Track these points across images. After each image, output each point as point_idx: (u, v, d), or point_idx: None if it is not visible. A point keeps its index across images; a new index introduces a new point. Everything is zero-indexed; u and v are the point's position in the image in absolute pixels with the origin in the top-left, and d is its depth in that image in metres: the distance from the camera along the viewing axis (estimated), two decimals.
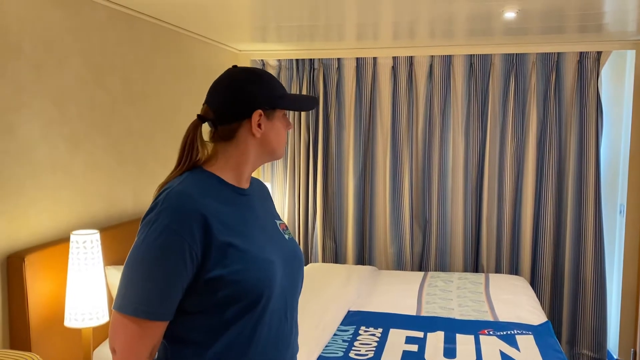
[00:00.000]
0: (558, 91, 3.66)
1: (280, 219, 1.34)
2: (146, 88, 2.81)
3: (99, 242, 2.06)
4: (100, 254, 2.06)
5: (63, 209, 2.22)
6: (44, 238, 2.12)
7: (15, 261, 1.94)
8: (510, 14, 2.68)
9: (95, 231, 2.06)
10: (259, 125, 1.18)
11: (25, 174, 2.02)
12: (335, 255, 4.04)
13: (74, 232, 2.02)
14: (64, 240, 2.14)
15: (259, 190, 1.33)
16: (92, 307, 2.00)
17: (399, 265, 3.90)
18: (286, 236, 1.28)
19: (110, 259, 2.34)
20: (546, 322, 2.66)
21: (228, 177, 1.20)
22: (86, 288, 1.99)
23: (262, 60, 4.04)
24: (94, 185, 2.41)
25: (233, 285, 1.08)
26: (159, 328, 1.08)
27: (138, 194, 2.73)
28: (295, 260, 1.24)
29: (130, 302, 1.05)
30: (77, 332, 2.17)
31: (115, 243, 2.38)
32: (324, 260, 4.00)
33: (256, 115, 1.17)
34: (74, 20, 2.25)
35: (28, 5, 2.02)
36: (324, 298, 2.90)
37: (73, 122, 2.27)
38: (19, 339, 1.97)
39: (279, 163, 4.09)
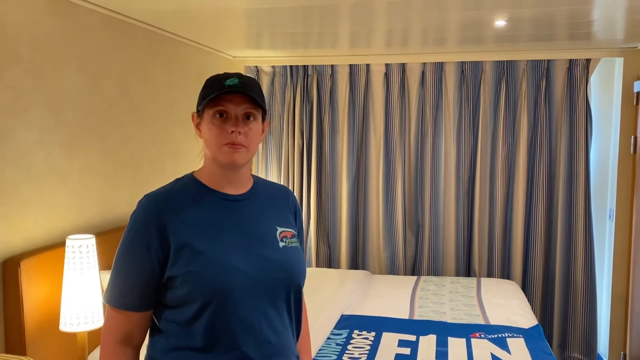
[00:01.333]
0: (548, 98, 3.71)
1: (289, 227, 1.32)
2: (141, 94, 2.84)
3: (95, 246, 2.07)
4: (95, 258, 2.07)
5: (59, 214, 2.24)
6: (39, 243, 2.13)
7: (10, 266, 1.95)
8: (500, 22, 2.73)
9: (91, 236, 2.07)
10: (199, 128, 1.25)
11: (21, 179, 2.04)
12: (329, 260, 4.06)
13: (69, 237, 2.04)
14: (60, 245, 2.16)
15: (269, 196, 1.33)
16: (87, 311, 2.01)
17: (392, 270, 3.93)
18: (282, 244, 1.26)
19: (105, 264, 2.35)
20: (537, 325, 2.70)
21: (209, 182, 1.26)
22: (81, 292, 2.01)
23: (256, 66, 4.07)
24: (90, 190, 2.43)
25: (186, 286, 1.16)
26: (132, 318, 1.20)
27: (133, 199, 2.74)
28: (279, 270, 1.22)
29: (109, 292, 1.22)
30: (72, 336, 2.18)
31: (111, 248, 2.39)
32: (317, 265, 4.02)
33: (192, 117, 1.27)
34: (70, 26, 2.28)
35: (25, 11, 2.04)
36: (318, 302, 2.92)
37: (69, 128, 2.29)
38: (14, 343, 1.98)
39: (272, 168, 4.12)
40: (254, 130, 1.22)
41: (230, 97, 1.19)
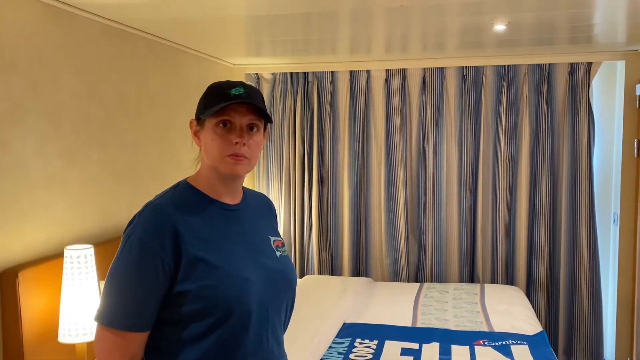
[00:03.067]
0: (550, 102, 3.69)
1: (278, 236, 1.31)
2: (141, 103, 2.83)
3: (93, 256, 2.06)
4: (94, 268, 2.06)
5: (57, 224, 2.22)
6: (38, 253, 2.12)
7: (8, 277, 1.93)
8: (500, 27, 2.72)
9: (90, 246, 2.06)
10: (198, 136, 1.21)
11: (19, 189, 2.03)
12: (331, 267, 4.03)
13: (67, 247, 2.02)
14: (58, 255, 2.14)
15: (257, 206, 1.32)
16: (86, 322, 1.99)
17: (395, 277, 3.90)
18: (278, 254, 1.26)
19: (104, 274, 2.33)
20: (541, 332, 2.66)
21: (207, 191, 1.21)
22: (80, 303, 1.99)
23: (256, 74, 4.06)
24: (89, 200, 2.41)
25: (200, 301, 1.09)
26: (135, 339, 1.10)
27: (132, 208, 2.73)
28: (281, 280, 1.22)
29: (108, 314, 1.10)
30: (71, 347, 2.16)
31: (109, 258, 2.37)
32: (319, 272, 3.99)
33: (191, 125, 1.23)
34: (68, 36, 2.27)
35: (22, 21, 2.04)
36: (320, 310, 2.89)
37: (67, 137, 2.28)
38: (13, 355, 1.96)
39: (273, 175, 4.10)
40: (257, 141, 1.19)
41: (235, 107, 1.15)
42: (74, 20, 2.31)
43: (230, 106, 1.15)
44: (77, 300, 1.99)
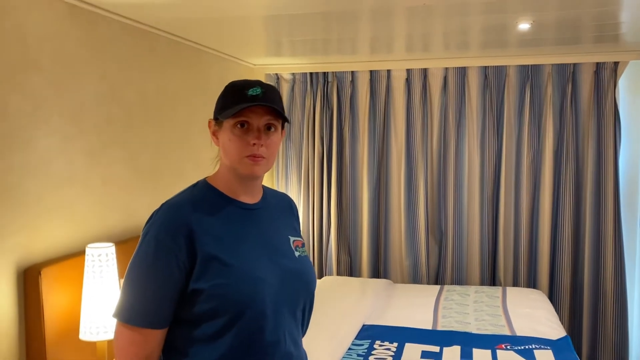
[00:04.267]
0: (575, 102, 3.62)
1: (298, 236, 1.30)
2: (162, 102, 2.84)
3: (114, 255, 2.07)
4: (115, 267, 2.07)
5: (79, 222, 2.24)
6: (60, 251, 2.14)
7: (31, 274, 1.95)
8: (524, 25, 2.67)
9: (111, 244, 2.07)
10: (216, 136, 1.21)
11: (42, 188, 2.05)
12: (349, 268, 4.01)
13: (89, 245, 2.04)
14: (80, 253, 2.16)
15: (278, 205, 1.31)
16: (107, 320, 2.00)
17: (415, 279, 3.87)
18: (297, 254, 1.25)
19: (125, 272, 2.35)
20: (565, 336, 2.61)
21: (225, 190, 1.21)
22: (101, 301, 2.00)
23: (276, 74, 4.06)
24: (110, 198, 2.43)
25: (214, 299, 1.09)
26: (152, 335, 1.11)
27: (153, 207, 2.72)
28: (297, 280, 1.21)
29: (125, 310, 1.12)
30: (92, 345, 2.17)
31: (130, 256, 2.38)
32: (338, 273, 3.97)
33: (209, 124, 1.23)
34: (91, 35, 2.29)
35: (46, 21, 2.06)
36: (339, 311, 2.87)
37: (90, 136, 2.30)
38: (35, 352, 1.98)
39: (292, 175, 4.10)
40: (275, 141, 1.19)
41: (253, 108, 1.14)
42: (96, 20, 2.33)
43: (248, 107, 1.14)
44: (98, 298, 2.00)
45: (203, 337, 1.11)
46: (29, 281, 1.96)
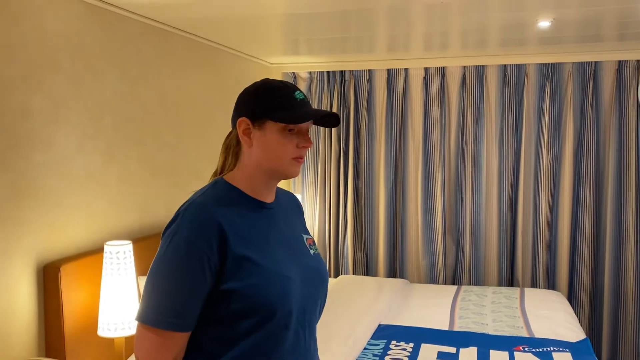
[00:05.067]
0: (596, 101, 3.56)
1: (309, 234, 1.31)
2: (179, 101, 2.86)
3: (132, 252, 2.09)
4: (132, 264, 2.09)
5: (97, 220, 2.27)
6: (78, 248, 2.16)
7: (51, 271, 1.98)
8: (544, 23, 2.63)
9: (128, 242, 2.09)
10: (248, 135, 1.17)
11: (62, 186, 2.07)
12: (366, 268, 4.00)
13: (107, 243, 2.06)
14: (98, 250, 2.19)
15: (288, 204, 1.32)
16: (125, 317, 2.03)
17: (432, 279, 3.84)
18: (312, 251, 1.26)
19: (142, 269, 2.37)
20: (585, 339, 2.57)
21: (247, 190, 1.19)
22: (119, 298, 2.02)
23: (293, 72, 4.06)
24: (128, 196, 2.45)
25: (246, 300, 1.08)
26: (180, 338, 1.09)
27: (170, 205, 2.76)
28: (317, 278, 1.22)
29: (152, 313, 1.07)
30: (110, 341, 2.20)
31: (148, 253, 2.41)
32: (354, 273, 3.97)
33: (241, 123, 1.17)
34: (109, 35, 2.31)
35: (66, 20, 2.08)
36: (354, 311, 2.87)
37: (108, 135, 2.32)
38: (54, 347, 2.01)
39: (309, 174, 4.09)
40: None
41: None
42: (115, 20, 2.35)
43: (322, 116, 1.17)
44: (116, 295, 2.02)
45: (232, 336, 1.10)
46: (48, 278, 1.99)
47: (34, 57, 1.94)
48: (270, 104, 1.14)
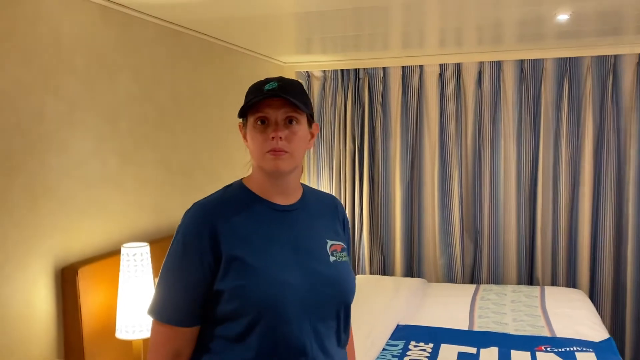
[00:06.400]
0: (615, 96, 3.49)
1: (338, 240, 1.25)
2: (193, 102, 2.86)
3: (149, 254, 2.09)
4: (150, 266, 2.08)
5: (114, 222, 2.27)
6: (96, 251, 2.17)
7: (69, 273, 1.99)
8: (563, 17, 2.58)
9: (145, 244, 2.09)
10: (244, 137, 1.21)
11: (78, 188, 2.08)
12: (382, 267, 3.97)
13: (124, 245, 2.06)
14: (115, 252, 2.19)
15: (319, 207, 1.28)
16: (143, 319, 2.02)
17: (450, 278, 3.80)
18: (333, 258, 1.20)
19: (159, 271, 2.36)
20: (609, 338, 2.52)
21: (258, 191, 1.20)
22: (137, 300, 2.02)
23: (307, 72, 4.04)
24: (143, 198, 2.45)
25: (235, 301, 1.10)
26: (181, 333, 1.14)
27: (186, 207, 2.74)
28: (326, 285, 1.16)
29: (155, 307, 1.16)
30: (128, 343, 2.20)
31: (164, 255, 2.40)
32: (371, 272, 3.94)
33: (240, 126, 1.23)
34: (124, 37, 2.31)
35: (80, 23, 2.09)
36: (372, 311, 2.84)
37: (123, 137, 2.32)
38: (73, 350, 2.01)
39: (324, 173, 4.07)
40: (298, 135, 1.15)
41: (269, 102, 1.14)
42: (129, 22, 2.35)
43: (265, 102, 1.13)
44: (134, 297, 2.02)
45: (228, 337, 1.12)
46: (66, 280, 1.99)
47: (48, 60, 1.94)
48: (245, 101, 1.17)
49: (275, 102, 1.13)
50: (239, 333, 1.11)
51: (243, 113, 1.17)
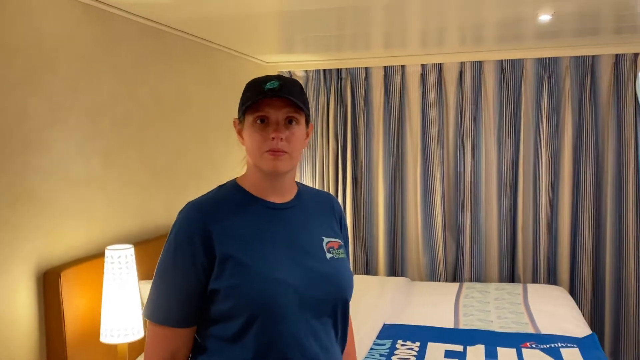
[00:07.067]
0: (594, 95, 3.55)
1: (335, 237, 1.25)
2: (177, 101, 2.82)
3: (134, 257, 2.05)
4: (134, 269, 2.05)
5: (98, 224, 2.22)
6: (79, 253, 2.12)
7: (51, 277, 1.94)
8: (545, 17, 2.62)
9: (130, 246, 2.05)
10: (240, 134, 1.19)
11: (60, 190, 2.03)
12: (366, 266, 3.97)
13: (108, 247, 2.02)
14: (99, 255, 2.14)
15: (315, 204, 1.27)
16: (128, 322, 1.98)
17: (432, 276, 3.82)
18: (329, 255, 1.20)
19: (144, 274, 2.33)
20: (591, 334, 2.56)
21: (252, 190, 1.19)
22: (121, 303, 1.98)
23: (289, 71, 4.03)
24: (128, 199, 2.41)
25: (230, 300, 1.09)
26: (177, 334, 1.13)
27: (170, 207, 2.72)
28: (324, 283, 1.16)
29: (149, 307, 1.15)
30: (113, 348, 2.15)
31: (149, 257, 2.37)
32: (355, 272, 3.94)
33: (234, 124, 1.21)
34: (107, 36, 2.27)
35: (62, 22, 2.04)
36: (358, 311, 2.83)
37: (106, 137, 2.28)
38: (56, 355, 1.96)
39: (307, 172, 4.06)
40: (297, 135, 1.15)
41: (270, 102, 1.12)
42: (112, 20, 2.30)
43: (266, 101, 1.12)
44: (118, 300, 1.98)
45: (224, 337, 1.11)
46: (48, 284, 1.94)
47: (30, 59, 1.89)
48: (243, 99, 1.16)
49: (276, 101, 1.12)
50: (236, 332, 1.09)
51: (240, 110, 1.16)
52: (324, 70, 3.94)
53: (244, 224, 1.14)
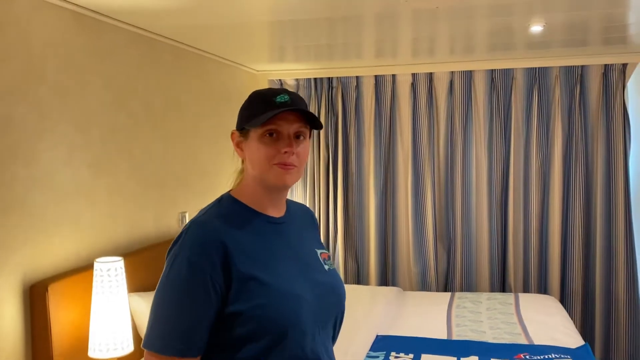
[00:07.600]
0: (583, 104, 3.58)
1: (324, 249, 1.26)
2: (167, 110, 2.79)
3: (123, 269, 2.01)
4: (124, 281, 2.00)
5: (86, 236, 2.18)
6: (67, 266, 2.07)
7: (38, 290, 1.89)
8: (537, 28, 2.63)
9: (119, 258, 2.01)
10: (240, 147, 1.15)
11: (48, 201, 1.98)
12: (357, 276, 3.95)
13: (97, 260, 1.98)
14: (88, 267, 2.10)
15: (301, 217, 1.27)
16: (117, 336, 1.94)
17: (424, 286, 3.81)
18: (326, 267, 1.20)
19: (133, 286, 2.28)
20: (584, 345, 2.55)
21: (252, 204, 1.15)
22: (110, 317, 1.94)
23: (279, 80, 4.01)
24: (116, 210, 2.37)
25: (253, 322, 1.03)
26: None
27: (159, 218, 2.68)
28: (331, 294, 1.16)
29: (158, 339, 1.03)
30: None
31: (138, 269, 2.32)
32: (346, 281, 3.91)
33: (232, 136, 1.16)
34: (96, 44, 2.24)
35: (51, 30, 2.00)
36: (350, 321, 2.78)
37: (95, 147, 2.24)
38: None
39: (298, 183, 4.04)
40: (305, 150, 1.14)
41: (282, 116, 1.09)
42: (102, 28, 2.27)
43: (277, 115, 1.08)
44: (108, 314, 1.94)
45: None
46: (35, 298, 1.89)
47: (18, 67, 1.86)
48: (250, 111, 1.12)
49: (288, 116, 1.10)
50: (257, 354, 1.04)
51: (250, 123, 1.11)
52: (315, 79, 3.93)
53: (252, 240, 1.10)
